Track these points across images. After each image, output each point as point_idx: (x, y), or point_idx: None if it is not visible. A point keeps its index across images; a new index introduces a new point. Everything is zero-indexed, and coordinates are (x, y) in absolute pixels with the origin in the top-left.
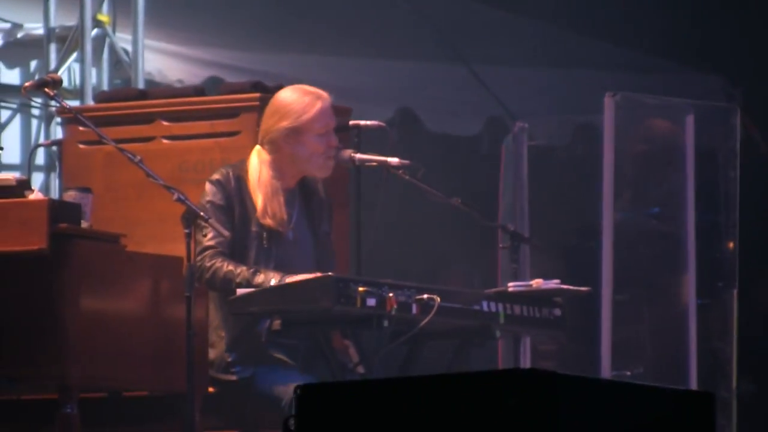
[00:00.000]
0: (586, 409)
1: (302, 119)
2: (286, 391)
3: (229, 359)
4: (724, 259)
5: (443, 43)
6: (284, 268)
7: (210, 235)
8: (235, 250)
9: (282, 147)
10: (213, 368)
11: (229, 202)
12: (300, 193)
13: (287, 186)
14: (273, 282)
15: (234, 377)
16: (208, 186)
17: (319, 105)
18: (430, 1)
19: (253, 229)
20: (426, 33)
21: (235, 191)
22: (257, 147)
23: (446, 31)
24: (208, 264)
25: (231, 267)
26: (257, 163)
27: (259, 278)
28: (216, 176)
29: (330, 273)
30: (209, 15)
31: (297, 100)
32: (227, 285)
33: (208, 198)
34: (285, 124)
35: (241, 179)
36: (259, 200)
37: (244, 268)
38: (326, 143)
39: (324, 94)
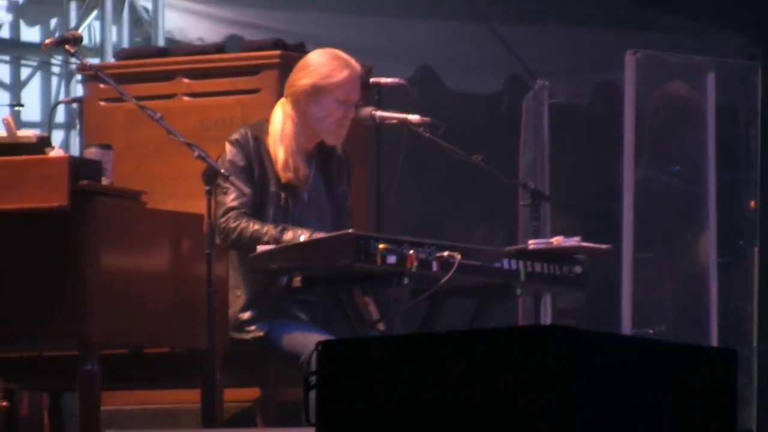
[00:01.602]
0: (608, 366)
1: (326, 80)
2: (304, 347)
3: (243, 318)
4: (745, 217)
5: (463, 1)
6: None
7: (232, 196)
8: (254, 210)
9: (300, 104)
10: (229, 327)
11: (249, 162)
12: (318, 155)
13: (306, 146)
14: (303, 238)
15: (247, 336)
16: (227, 146)
17: (346, 72)
18: None
19: (272, 188)
20: None
21: (254, 151)
22: (282, 99)
23: None
24: (233, 225)
25: (257, 226)
26: (281, 117)
27: (288, 235)
28: (235, 136)
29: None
30: None
31: (326, 62)
32: (255, 244)
33: (228, 158)
34: (308, 81)
35: (259, 139)
36: (280, 153)
37: (271, 226)
38: (343, 111)
39: (355, 64)
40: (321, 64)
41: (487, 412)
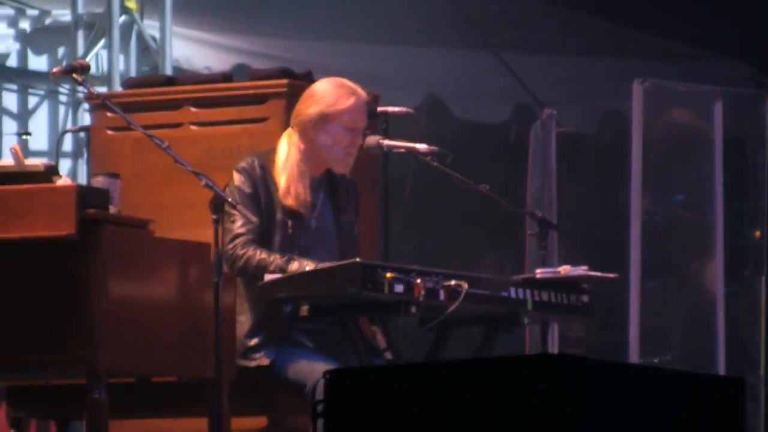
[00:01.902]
0: (615, 394)
1: (332, 108)
2: (310, 375)
3: (249, 345)
4: (751, 246)
5: (471, 30)
6: (307, 257)
7: (239, 223)
8: (261, 238)
9: (308, 132)
10: (236, 354)
11: (255, 190)
12: (326, 183)
13: (313, 173)
14: (308, 269)
15: (252, 364)
16: (234, 174)
17: (353, 100)
18: None
19: (278, 216)
20: (454, 20)
21: (261, 179)
22: (288, 129)
23: (475, 18)
24: (240, 252)
25: (264, 255)
26: (287, 146)
27: (293, 266)
28: (242, 164)
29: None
30: (236, 2)
31: (332, 90)
32: (260, 273)
33: (235, 184)
34: (315, 109)
35: (265, 168)
36: (282, 180)
37: (277, 255)
38: (351, 138)
39: (361, 91)
40: (327, 92)
41: None
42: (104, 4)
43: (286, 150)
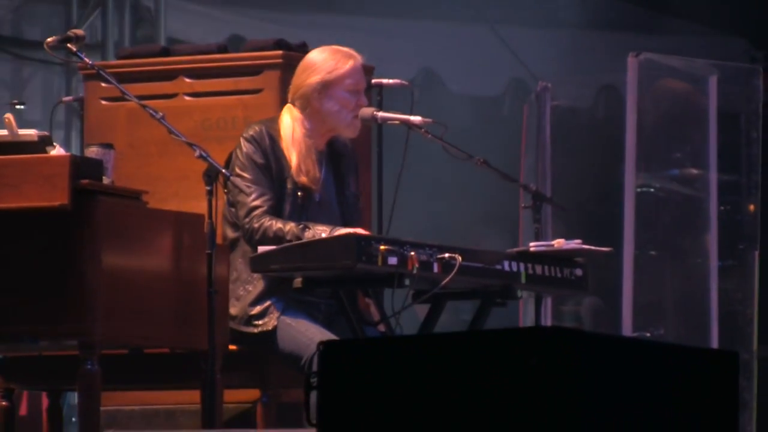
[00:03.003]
0: (609, 367)
1: (333, 74)
2: (307, 348)
3: (252, 312)
4: (745, 220)
5: (466, 3)
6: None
7: (254, 195)
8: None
9: (312, 102)
10: (234, 321)
11: (267, 160)
12: (328, 155)
13: (318, 147)
14: (323, 236)
15: (254, 330)
16: (243, 142)
17: (351, 62)
18: None
19: (288, 186)
20: None
21: (270, 149)
22: (288, 105)
23: None
24: (256, 225)
25: (279, 224)
26: (290, 121)
27: (308, 233)
28: (250, 132)
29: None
30: None
31: (329, 56)
32: (278, 243)
33: (247, 154)
34: (316, 78)
35: (273, 138)
36: (293, 158)
37: (293, 224)
38: (356, 101)
39: (356, 54)
40: (324, 59)
41: (487, 414)
42: None
43: (290, 125)
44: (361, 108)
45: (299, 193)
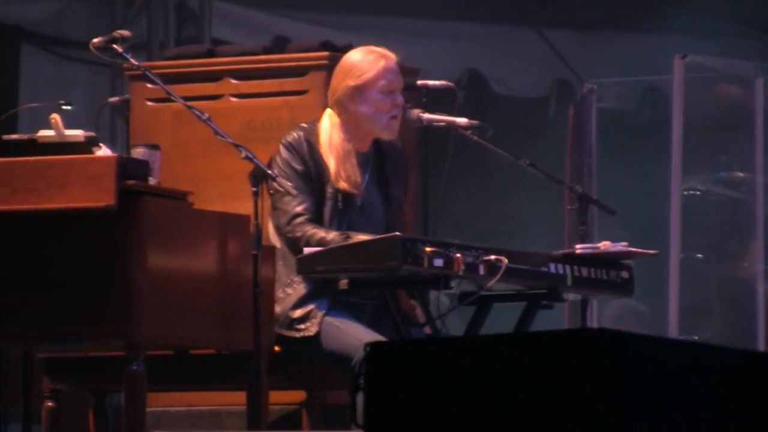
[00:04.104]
0: (656, 370)
1: (365, 77)
2: (357, 348)
3: (294, 316)
4: None
5: (511, 4)
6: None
7: (295, 202)
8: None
9: (347, 106)
10: (276, 324)
11: (306, 166)
12: (374, 157)
13: (360, 149)
14: None
15: (297, 335)
16: (281, 149)
17: (383, 63)
18: None
19: (329, 191)
20: None
21: (308, 155)
22: (328, 110)
23: None
24: (299, 234)
25: (322, 233)
26: (328, 126)
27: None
28: (288, 139)
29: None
30: None
31: (361, 59)
32: None
33: (286, 161)
34: (349, 82)
35: (311, 143)
36: (331, 164)
37: (336, 233)
38: (391, 102)
39: (389, 53)
40: (356, 62)
41: (533, 416)
42: None
43: (329, 131)
44: (398, 107)
45: (339, 198)
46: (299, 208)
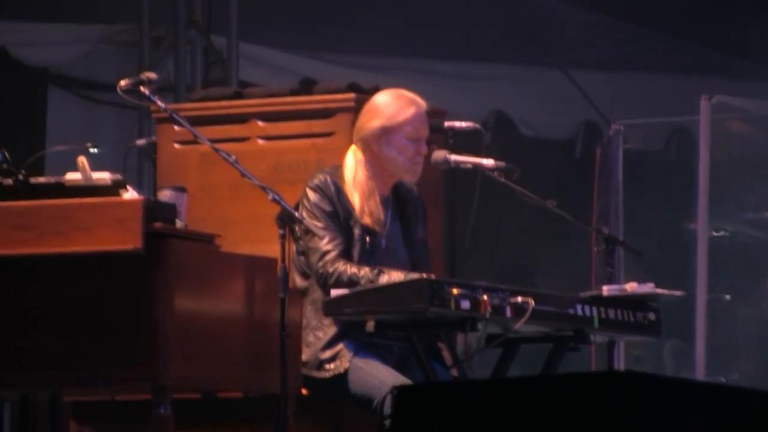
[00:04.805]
0: (683, 412)
1: (394, 120)
2: (379, 390)
3: (323, 357)
4: None
5: (538, 45)
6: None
7: (326, 240)
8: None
9: (372, 146)
10: (306, 367)
11: (335, 207)
12: (394, 201)
13: (381, 192)
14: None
15: (327, 374)
16: (309, 192)
17: (413, 110)
18: (524, 3)
19: (356, 232)
20: (521, 36)
21: (336, 196)
22: (353, 146)
23: (541, 34)
24: (331, 270)
25: (354, 269)
26: (353, 163)
27: (384, 278)
28: (315, 181)
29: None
30: (302, 16)
31: (392, 102)
32: (352, 287)
33: (314, 203)
34: (377, 123)
35: (337, 185)
36: (356, 200)
37: (367, 268)
38: (415, 148)
39: (420, 100)
40: (387, 104)
41: None
42: (171, 17)
43: (353, 167)
44: (421, 156)
45: (367, 239)
46: (329, 246)
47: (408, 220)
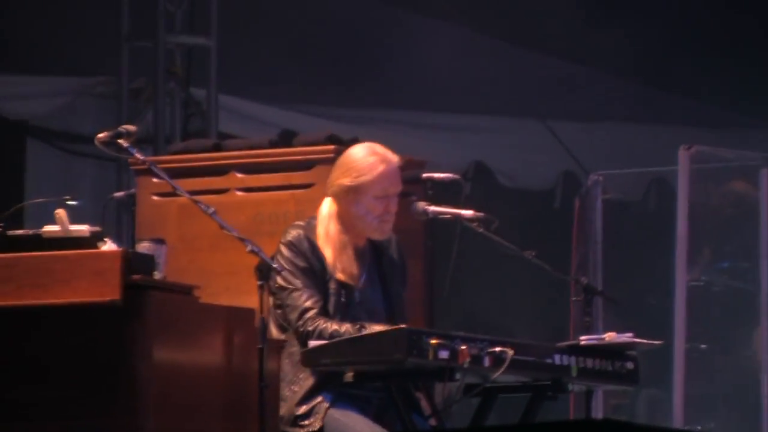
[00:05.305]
0: None
1: (361, 179)
2: None
3: (299, 413)
4: None
5: (518, 97)
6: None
7: (304, 297)
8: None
9: (341, 202)
10: (282, 422)
11: (309, 263)
12: (371, 253)
13: (356, 243)
14: None
15: (301, 431)
16: (283, 248)
17: (381, 168)
18: (504, 55)
19: (332, 285)
20: (500, 87)
21: (310, 252)
22: (327, 198)
23: (521, 86)
24: (311, 328)
25: (335, 326)
26: (326, 216)
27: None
28: (288, 238)
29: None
30: (282, 68)
31: (362, 159)
32: None
33: (288, 260)
34: (346, 181)
35: (311, 240)
36: (329, 255)
37: (348, 325)
38: (384, 207)
39: (391, 157)
40: (357, 161)
41: None
42: (150, 69)
43: (327, 221)
44: (390, 213)
45: (342, 292)
46: (308, 303)
47: (384, 273)
